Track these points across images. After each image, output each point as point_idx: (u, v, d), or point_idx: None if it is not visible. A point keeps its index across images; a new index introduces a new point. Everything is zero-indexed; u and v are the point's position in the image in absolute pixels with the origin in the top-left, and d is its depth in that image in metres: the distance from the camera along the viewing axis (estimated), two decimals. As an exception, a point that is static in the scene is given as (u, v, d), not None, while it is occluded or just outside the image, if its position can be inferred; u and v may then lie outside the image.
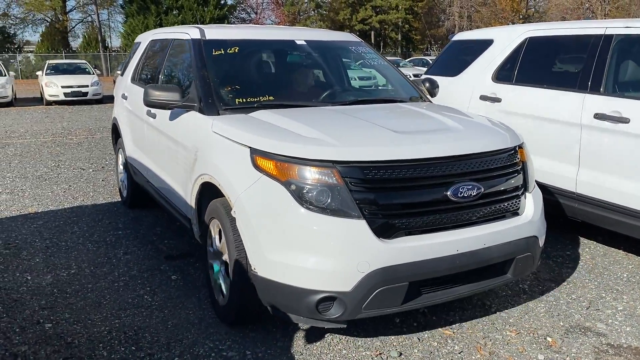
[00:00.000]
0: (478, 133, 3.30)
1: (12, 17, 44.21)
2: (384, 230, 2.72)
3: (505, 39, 5.06)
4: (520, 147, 3.32)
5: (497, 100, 4.87)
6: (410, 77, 4.95)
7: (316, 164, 2.74)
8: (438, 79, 5.72)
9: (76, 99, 17.71)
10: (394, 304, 2.79)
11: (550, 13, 50.76)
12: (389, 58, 30.03)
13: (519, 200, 3.18)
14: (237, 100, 3.66)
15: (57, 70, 18.98)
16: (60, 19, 43.61)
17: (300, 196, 2.73)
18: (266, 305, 2.94)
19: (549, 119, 4.40)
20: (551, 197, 4.42)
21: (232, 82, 3.94)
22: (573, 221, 4.60)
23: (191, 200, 3.59)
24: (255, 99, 3.67)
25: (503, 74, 4.95)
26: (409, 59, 31.38)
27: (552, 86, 4.45)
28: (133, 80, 5.42)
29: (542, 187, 4.42)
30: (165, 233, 4.90)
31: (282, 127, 3.11)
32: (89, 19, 47.10)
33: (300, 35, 4.51)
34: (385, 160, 2.77)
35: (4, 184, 6.76)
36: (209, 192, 3.34)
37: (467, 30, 45.34)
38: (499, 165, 3.09)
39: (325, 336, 3.15)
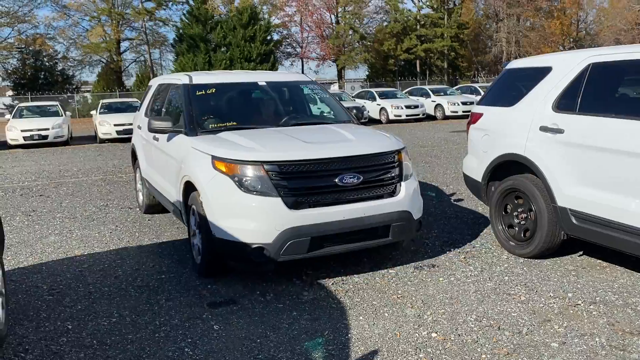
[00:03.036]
0: (366, 142, 4.74)
1: (71, 59, 46.56)
2: (292, 204, 4.21)
3: (565, 65, 4.71)
4: (399, 152, 4.74)
5: (559, 131, 4.51)
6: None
7: (250, 163, 4.27)
8: (492, 109, 5.45)
9: (128, 137, 18.16)
10: (301, 252, 4.26)
11: (603, 35, 49.29)
12: (435, 86, 29.74)
13: (395, 186, 4.60)
14: (210, 125, 5.21)
15: (110, 109, 19.62)
16: (115, 59, 45.57)
17: (240, 184, 4.25)
18: (222, 255, 4.46)
19: (620, 151, 4.01)
20: (626, 236, 3.99)
21: (209, 113, 5.49)
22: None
23: (179, 195, 5.07)
24: (223, 124, 5.20)
25: (565, 103, 4.58)
26: (456, 87, 30.90)
27: (623, 115, 4.06)
28: (145, 114, 6.83)
29: (612, 224, 4.01)
30: (209, 277, 4.73)
31: (233, 142, 4.64)
32: (142, 58, 49.04)
33: (263, 77, 6.08)
34: (293, 160, 4.28)
35: (54, 225, 6.81)
36: (190, 189, 4.79)
37: (515, 55, 44.50)
38: (376, 162, 4.55)
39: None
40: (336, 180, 4.32)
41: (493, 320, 3.73)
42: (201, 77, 5.81)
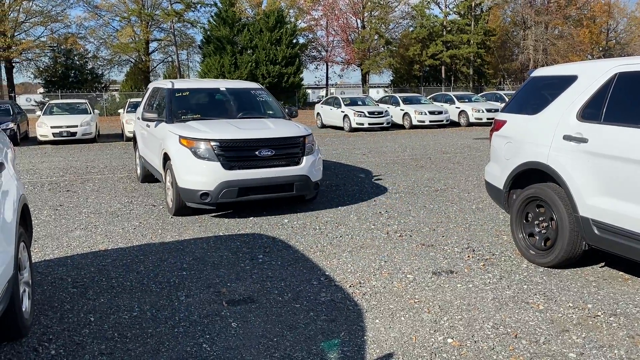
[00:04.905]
0: (281, 130, 7.17)
1: (100, 58, 47.45)
2: (227, 167, 6.59)
3: (591, 74, 4.67)
4: (305, 137, 7.13)
5: (583, 140, 4.46)
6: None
7: (202, 140, 6.67)
8: (516, 117, 5.42)
9: (153, 136, 18.43)
10: (232, 197, 6.62)
11: (634, 44, 48.37)
12: (460, 92, 29.49)
13: (299, 158, 6.98)
14: (182, 117, 7.67)
15: (137, 108, 19.90)
16: (143, 59, 46.29)
17: (195, 153, 6.65)
18: (183, 200, 6.78)
19: (646, 162, 3.95)
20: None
21: (182, 108, 7.96)
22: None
23: (160, 163, 7.50)
24: (191, 116, 7.70)
25: (589, 113, 4.54)
26: (481, 94, 30.64)
27: (649, 126, 4.01)
28: (143, 109, 9.08)
29: (635, 236, 3.96)
30: (229, 275, 4.80)
31: (194, 127, 7.06)
32: (169, 59, 49.71)
33: (224, 84, 8.85)
34: (228, 139, 6.70)
35: (80, 220, 6.98)
36: (166, 158, 7.12)
37: (542, 64, 43.90)
38: (285, 143, 6.95)
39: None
40: (256, 152, 6.74)
41: (510, 328, 3.71)
42: (180, 83, 8.61)
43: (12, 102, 22.74)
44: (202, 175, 6.56)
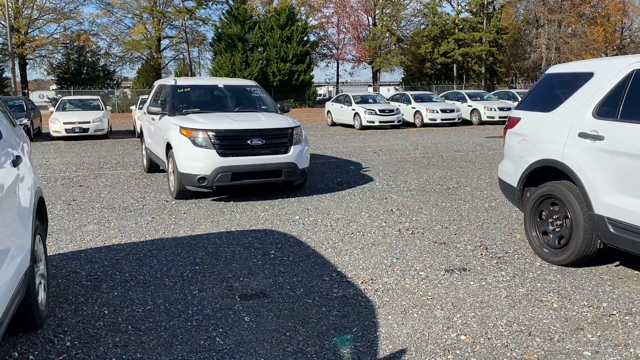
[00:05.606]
0: (270, 122, 7.94)
1: (112, 55, 47.75)
2: (222, 154, 7.40)
3: (608, 71, 4.62)
4: (293, 128, 7.87)
5: (599, 138, 4.42)
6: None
7: (199, 130, 7.51)
8: (530, 114, 5.38)
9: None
10: (226, 181, 7.41)
11: (648, 43, 47.79)
12: (472, 90, 29.33)
13: (287, 147, 7.73)
14: (183, 110, 8.48)
15: (148, 104, 20.03)
16: (155, 57, 46.52)
17: (194, 142, 7.46)
18: (183, 184, 7.55)
19: (663, 160, 3.91)
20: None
21: (184, 103, 8.78)
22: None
23: (163, 152, 8.29)
24: (191, 110, 8.50)
25: (606, 110, 4.49)
26: (493, 92, 30.45)
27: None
28: (149, 104, 9.79)
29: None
30: (241, 270, 4.82)
31: (193, 119, 7.88)
32: (181, 56, 49.92)
33: (222, 82, 9.79)
34: (223, 129, 7.53)
35: (93, 214, 7.03)
36: (168, 147, 7.91)
37: (555, 62, 43.57)
38: (274, 133, 7.71)
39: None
40: (248, 142, 7.50)
41: (524, 326, 3.69)
42: (182, 81, 9.43)
43: (25, 98, 22.97)
44: (200, 161, 7.34)
